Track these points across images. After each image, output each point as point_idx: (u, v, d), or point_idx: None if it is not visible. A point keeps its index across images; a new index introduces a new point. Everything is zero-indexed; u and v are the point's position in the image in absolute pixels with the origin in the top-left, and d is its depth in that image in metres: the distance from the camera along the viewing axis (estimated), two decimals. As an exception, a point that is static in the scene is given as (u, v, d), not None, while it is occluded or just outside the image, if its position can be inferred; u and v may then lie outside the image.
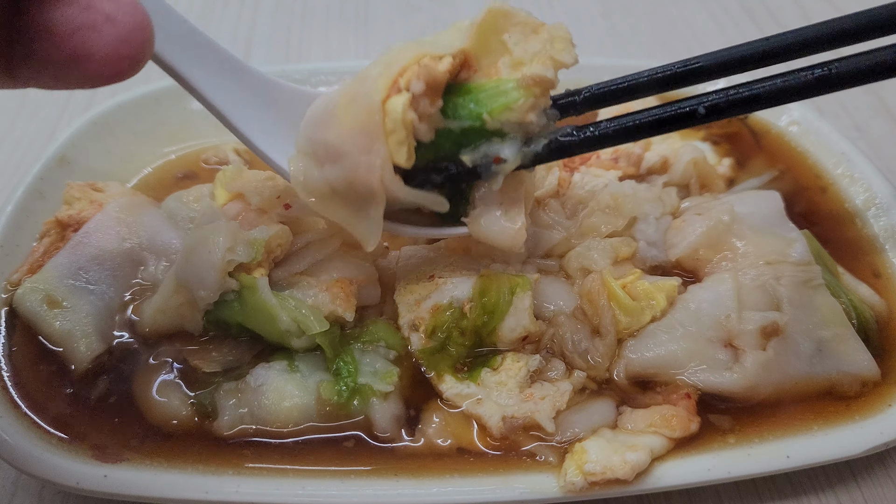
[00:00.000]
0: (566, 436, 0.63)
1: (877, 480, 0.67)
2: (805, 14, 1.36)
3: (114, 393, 0.67)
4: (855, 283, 0.77)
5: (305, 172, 0.57)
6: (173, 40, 0.58)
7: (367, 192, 0.55)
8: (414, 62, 0.53)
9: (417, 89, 0.53)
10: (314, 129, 0.57)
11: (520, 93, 0.56)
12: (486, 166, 0.58)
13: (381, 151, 0.53)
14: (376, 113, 0.52)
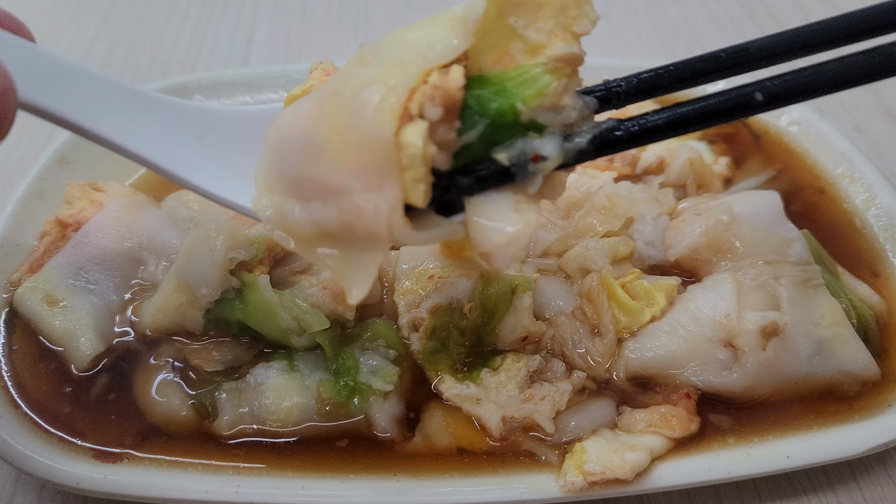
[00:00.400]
0: (566, 436, 0.63)
1: (877, 480, 0.67)
2: (805, 14, 1.36)
3: (114, 392, 0.67)
4: (854, 282, 0.77)
5: (282, 211, 0.48)
6: (46, 83, 0.46)
7: (369, 237, 0.45)
8: (421, 80, 0.43)
9: (434, 115, 0.43)
10: (293, 163, 0.47)
11: (551, 76, 0.47)
12: (522, 166, 0.47)
13: (393, 191, 0.43)
14: (388, 148, 0.42)
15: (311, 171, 0.46)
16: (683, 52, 1.28)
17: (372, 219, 0.44)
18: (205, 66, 1.23)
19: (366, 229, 0.45)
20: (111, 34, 1.29)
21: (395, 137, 0.43)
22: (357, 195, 0.44)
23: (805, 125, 0.96)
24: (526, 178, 0.48)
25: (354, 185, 0.44)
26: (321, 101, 0.46)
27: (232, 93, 1.00)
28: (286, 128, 0.48)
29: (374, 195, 0.44)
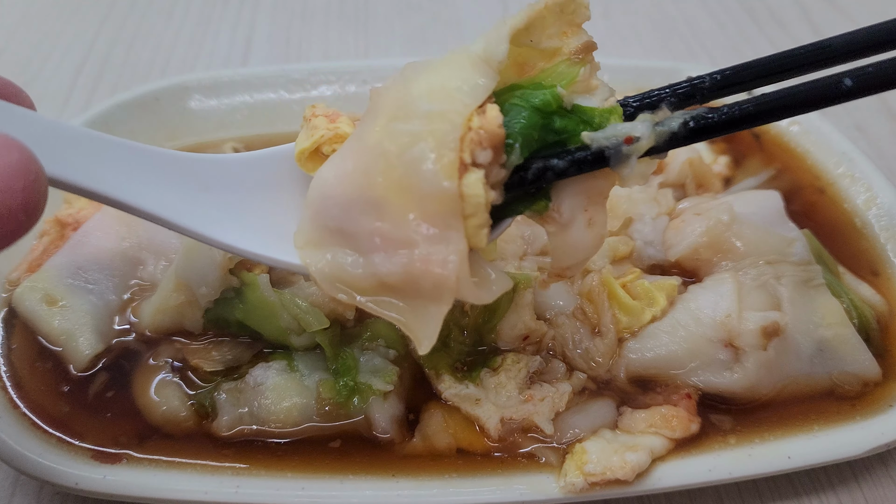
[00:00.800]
0: (566, 436, 0.63)
1: (878, 481, 0.67)
2: (806, 14, 1.36)
3: (113, 392, 0.67)
4: (856, 282, 0.77)
5: (339, 265, 0.48)
6: (57, 154, 0.45)
7: (435, 289, 0.46)
8: (466, 128, 0.45)
9: (486, 159, 0.45)
10: (347, 219, 0.47)
11: (577, 66, 0.50)
12: (615, 149, 0.49)
13: (459, 242, 0.45)
14: (453, 201, 0.44)
15: (370, 226, 0.47)
16: (684, 52, 1.28)
17: (440, 271, 0.45)
18: (204, 65, 1.22)
19: (432, 281, 0.46)
20: (111, 34, 1.29)
21: (458, 189, 0.44)
22: (422, 247, 0.45)
23: (806, 125, 0.95)
24: (620, 162, 0.50)
25: (418, 238, 0.45)
26: (366, 160, 0.47)
27: (231, 92, 0.99)
28: (330, 187, 0.49)
29: (440, 247, 0.45)
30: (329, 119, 0.55)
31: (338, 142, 0.53)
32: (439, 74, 0.49)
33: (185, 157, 0.53)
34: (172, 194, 0.51)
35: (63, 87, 1.17)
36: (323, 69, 1.02)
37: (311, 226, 0.50)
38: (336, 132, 0.54)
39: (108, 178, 0.47)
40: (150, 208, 0.49)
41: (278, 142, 1.06)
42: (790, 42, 1.29)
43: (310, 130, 0.55)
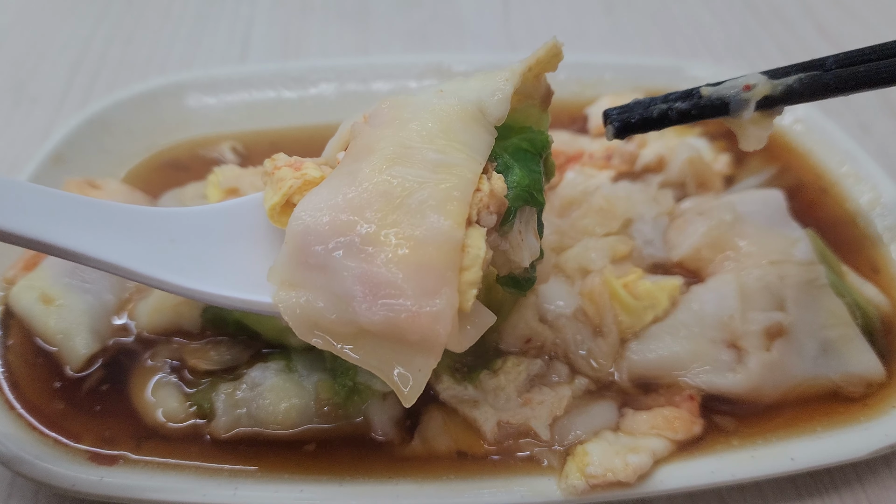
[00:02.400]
0: (567, 438, 0.62)
1: (882, 483, 0.67)
2: (808, 10, 1.35)
3: (110, 393, 0.66)
4: (860, 282, 0.77)
5: (312, 308, 0.45)
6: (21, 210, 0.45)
7: (423, 342, 0.43)
8: (477, 187, 0.46)
9: (490, 223, 0.46)
10: (330, 259, 0.45)
11: (545, 112, 0.56)
12: (735, 96, 0.54)
13: (451, 297, 0.43)
14: (456, 250, 0.43)
15: (356, 267, 0.44)
16: (686, 50, 1.27)
17: (431, 326, 0.42)
18: (202, 63, 1.22)
19: (420, 335, 0.43)
20: (107, 31, 1.28)
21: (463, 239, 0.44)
22: (412, 299, 0.43)
23: (809, 123, 0.95)
24: (739, 107, 0.54)
25: (408, 289, 0.43)
26: (362, 197, 0.45)
27: (229, 90, 0.99)
28: (315, 221, 0.46)
29: (432, 301, 0.43)
30: (293, 168, 0.53)
31: (308, 188, 0.50)
32: (438, 121, 0.48)
33: (149, 211, 0.54)
34: (134, 246, 0.50)
35: (60, 86, 1.16)
36: (322, 66, 1.01)
37: (288, 262, 0.46)
38: (304, 179, 0.52)
39: (62, 231, 0.47)
40: (109, 258, 0.49)
41: (276, 138, 1.06)
42: (794, 40, 1.28)
43: (276, 184, 0.53)
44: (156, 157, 0.93)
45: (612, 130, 0.58)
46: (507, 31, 1.30)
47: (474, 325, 0.47)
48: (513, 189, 0.49)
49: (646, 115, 0.57)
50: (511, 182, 0.49)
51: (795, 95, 0.55)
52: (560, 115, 0.99)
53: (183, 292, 0.51)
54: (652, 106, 0.58)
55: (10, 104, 1.12)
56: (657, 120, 0.57)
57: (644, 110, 0.58)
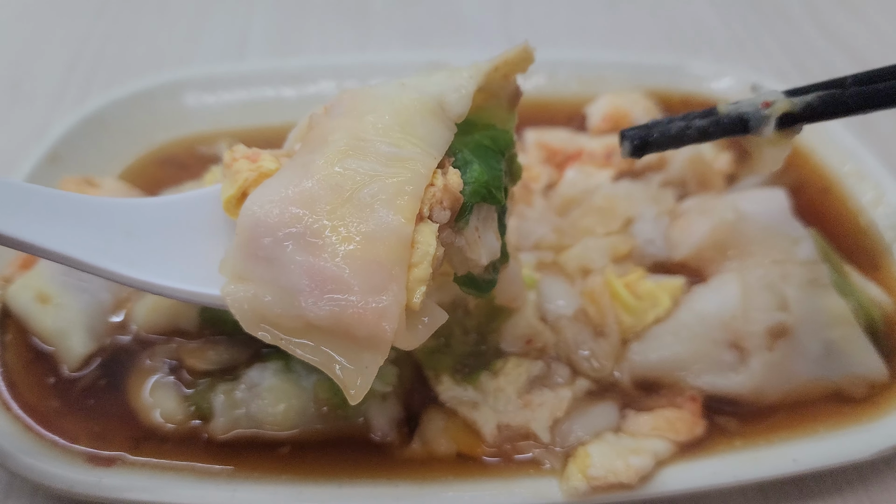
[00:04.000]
0: (568, 440, 0.62)
1: (885, 485, 0.66)
2: (812, 9, 1.34)
3: (107, 394, 0.66)
4: (863, 282, 0.76)
5: (259, 302, 0.44)
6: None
7: (370, 339, 0.43)
8: (430, 182, 0.45)
9: (443, 219, 0.45)
10: (278, 252, 0.44)
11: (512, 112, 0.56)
12: (754, 112, 0.54)
13: (399, 294, 0.42)
14: (404, 246, 0.42)
15: (304, 261, 0.43)
16: (688, 48, 1.26)
17: (376, 323, 0.42)
18: (200, 60, 1.21)
19: (367, 332, 0.42)
20: (104, 29, 1.27)
21: (412, 235, 0.43)
22: (359, 295, 0.42)
23: (812, 121, 0.94)
24: (759, 123, 0.54)
25: (355, 284, 0.42)
26: (312, 190, 0.44)
27: (227, 88, 0.98)
28: (265, 213, 0.45)
29: (378, 297, 0.42)
30: (250, 160, 0.52)
31: (263, 180, 0.50)
32: (396, 114, 0.47)
33: (104, 201, 0.52)
34: (83, 236, 0.49)
35: (57, 84, 1.15)
36: (320, 64, 1.00)
37: (238, 254, 0.46)
38: (259, 171, 0.51)
39: (9, 219, 0.46)
40: (54, 247, 0.47)
41: (273, 135, 1.05)
42: (796, 38, 1.27)
43: (232, 176, 0.52)
44: (153, 154, 0.92)
45: (629, 147, 0.56)
46: (506, 27, 1.29)
47: (424, 324, 0.46)
48: (470, 185, 0.47)
49: (664, 132, 0.56)
50: (469, 178, 0.47)
51: (816, 113, 0.54)
52: (559, 112, 0.98)
53: (133, 283, 0.50)
54: (669, 124, 0.56)
55: (7, 102, 1.11)
56: (675, 137, 0.56)
57: (662, 128, 0.56)
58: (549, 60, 1.01)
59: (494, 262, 0.52)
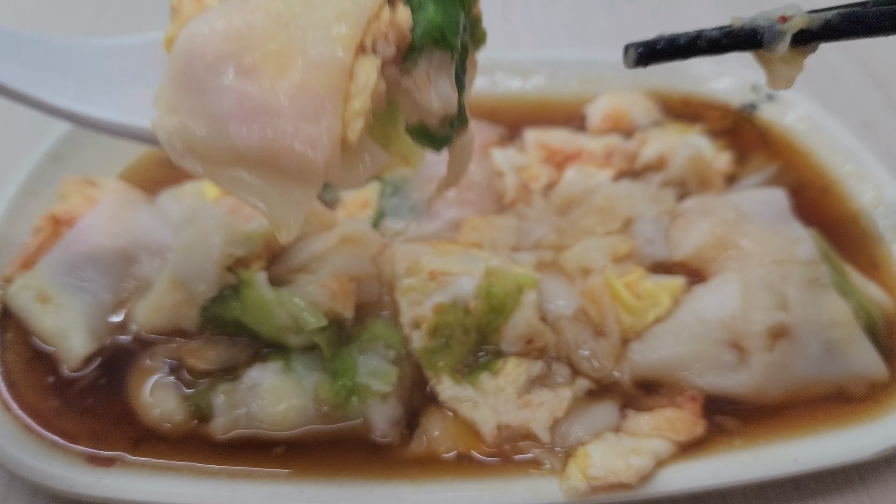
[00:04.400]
0: (568, 440, 0.62)
1: (886, 484, 0.66)
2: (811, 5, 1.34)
3: (107, 394, 0.66)
4: (863, 282, 0.76)
5: (187, 130, 0.43)
6: None
7: (300, 171, 0.41)
8: (376, 12, 0.42)
9: (387, 53, 0.42)
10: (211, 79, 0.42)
11: None
12: (769, 27, 0.52)
13: (333, 122, 0.40)
14: (342, 74, 0.40)
15: (236, 85, 0.41)
16: (688, 47, 1.26)
17: (306, 151, 0.40)
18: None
19: (297, 162, 0.41)
20: (104, 28, 1.27)
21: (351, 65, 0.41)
22: (290, 121, 0.40)
23: (812, 122, 0.94)
24: (774, 39, 0.52)
25: (288, 109, 0.40)
26: (250, 18, 0.42)
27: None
28: (200, 43, 0.43)
29: (310, 125, 0.40)
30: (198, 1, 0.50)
31: None
32: None
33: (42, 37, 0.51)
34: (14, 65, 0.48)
35: (58, 83, 1.15)
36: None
37: (170, 85, 0.44)
38: (203, 7, 0.48)
39: None
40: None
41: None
42: (796, 37, 1.27)
43: (177, 17, 0.49)
44: (153, 153, 0.92)
45: (634, 55, 0.55)
46: (507, 28, 1.29)
47: (365, 163, 0.44)
48: (421, 25, 0.44)
49: (673, 41, 0.54)
50: (421, 19, 0.44)
51: (834, 30, 0.51)
52: (559, 112, 0.98)
53: (59, 112, 0.48)
54: (680, 35, 0.54)
55: (8, 102, 1.11)
56: (684, 47, 0.54)
57: (671, 38, 0.54)
58: (549, 60, 1.01)
59: (451, 119, 0.48)
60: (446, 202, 0.81)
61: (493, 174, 0.83)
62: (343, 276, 0.66)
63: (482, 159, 0.85)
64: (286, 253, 0.69)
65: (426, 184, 0.82)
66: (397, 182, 0.83)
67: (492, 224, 0.76)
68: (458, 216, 0.79)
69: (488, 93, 1.00)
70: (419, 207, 0.80)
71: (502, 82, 1.01)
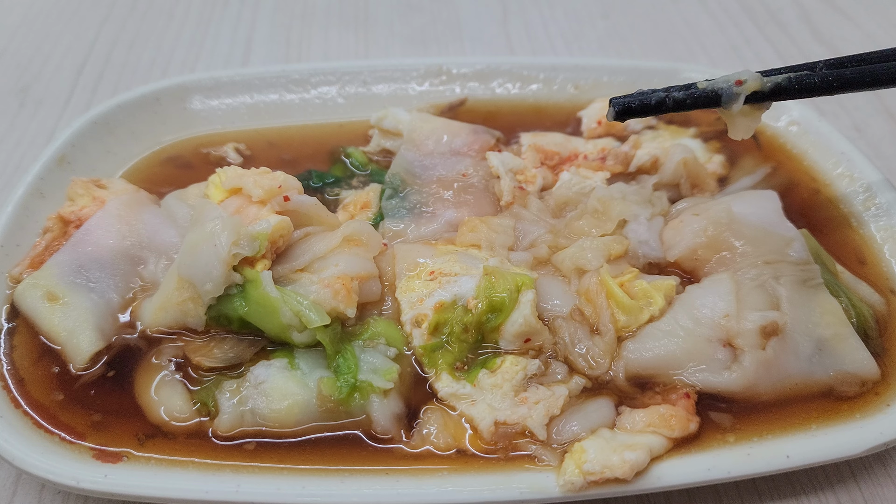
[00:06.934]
0: (564, 436, 0.63)
1: (876, 480, 0.67)
2: (805, 14, 1.36)
3: (114, 391, 0.67)
4: (854, 281, 0.77)
5: None
6: None
7: None
8: None
9: None
10: None
11: None
12: (727, 89, 0.63)
13: None
14: None
15: None
16: (683, 52, 1.28)
17: None
18: (205, 66, 1.23)
19: None
20: (111, 34, 1.29)
21: None
22: None
23: (805, 125, 0.96)
24: (730, 99, 0.63)
25: None
26: None
27: (232, 93, 1.00)
28: None
29: None
30: None
31: None
32: None
33: None
34: None
35: (64, 88, 1.17)
36: (323, 69, 1.02)
37: None
38: None
39: None
40: None
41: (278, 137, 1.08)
42: (789, 43, 1.29)
43: None
44: (159, 155, 0.94)
45: (613, 113, 0.66)
46: (505, 34, 1.31)
47: None
48: None
49: (644, 101, 0.65)
50: None
51: (783, 92, 0.63)
52: (555, 117, 1.00)
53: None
54: (651, 94, 0.66)
55: (16, 106, 1.13)
56: (654, 106, 0.65)
57: (643, 97, 0.66)
58: (546, 66, 1.03)
59: None
60: (444, 204, 0.82)
61: (490, 177, 0.85)
62: (345, 275, 0.67)
63: (479, 162, 0.86)
64: (290, 253, 0.71)
65: (426, 186, 0.84)
66: (396, 184, 0.84)
67: (489, 225, 0.77)
68: (456, 217, 0.80)
69: (486, 98, 1.02)
70: (418, 209, 0.82)
71: (500, 87, 1.03)
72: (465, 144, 0.88)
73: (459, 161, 0.86)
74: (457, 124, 0.91)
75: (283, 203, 0.71)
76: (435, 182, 0.84)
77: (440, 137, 0.88)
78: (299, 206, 0.72)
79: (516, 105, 1.02)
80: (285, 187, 0.72)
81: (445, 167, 0.85)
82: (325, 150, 0.95)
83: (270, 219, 0.69)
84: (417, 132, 0.88)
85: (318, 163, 0.92)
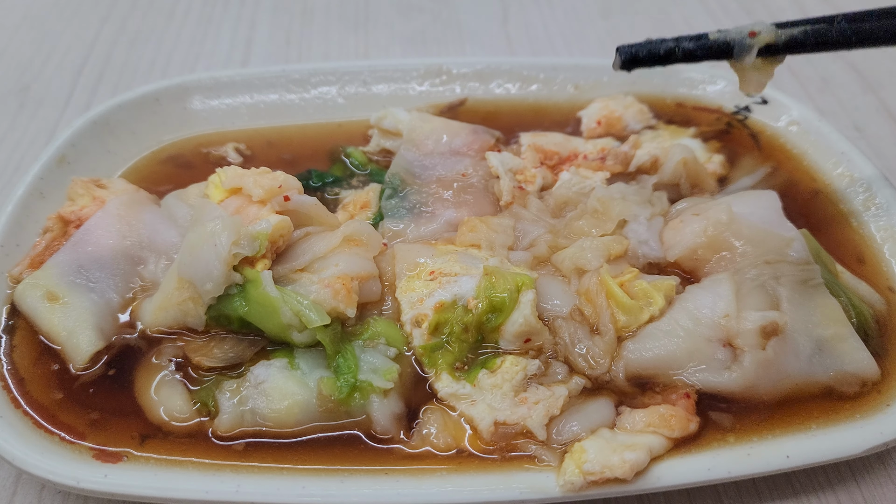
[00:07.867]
0: (564, 436, 0.63)
1: (877, 480, 0.67)
2: (804, 13, 1.36)
3: (114, 391, 0.67)
4: (854, 281, 0.77)
5: None
6: None
7: None
8: None
9: None
10: None
11: None
12: (740, 40, 0.61)
13: None
14: None
15: None
16: (683, 53, 1.28)
17: None
18: (205, 66, 1.23)
19: None
20: (111, 34, 1.29)
21: None
22: None
23: (804, 125, 0.96)
24: (743, 51, 0.61)
25: None
26: None
27: (232, 93, 1.00)
28: None
29: None
30: None
31: None
32: None
33: None
34: None
35: (64, 88, 1.17)
36: (323, 69, 1.02)
37: None
38: None
39: None
40: None
41: (278, 136, 1.08)
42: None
43: None
44: (159, 155, 0.94)
45: (619, 61, 0.63)
46: (505, 34, 1.31)
47: None
48: None
49: (653, 51, 0.62)
50: None
51: (798, 45, 0.59)
52: (555, 117, 1.00)
53: None
54: (661, 43, 0.62)
55: (16, 106, 1.13)
56: (663, 56, 0.62)
57: (652, 46, 0.62)
58: (546, 66, 1.03)
59: None
60: (444, 204, 0.82)
61: (490, 177, 0.85)
62: (346, 275, 0.67)
63: (479, 162, 0.86)
64: (290, 253, 0.71)
65: (425, 186, 0.84)
66: (396, 184, 0.84)
67: (489, 225, 0.77)
68: (456, 217, 0.80)
69: (486, 98, 1.02)
70: (417, 209, 0.82)
71: (499, 87, 1.03)
72: (464, 144, 0.88)
73: (459, 161, 0.86)
74: (456, 124, 0.91)
75: (283, 203, 0.71)
76: (434, 182, 0.84)
77: (440, 137, 0.88)
78: (299, 205, 0.72)
79: (516, 105, 1.02)
80: (285, 187, 0.72)
81: (445, 167, 0.85)
82: (325, 150, 0.95)
83: (270, 218, 0.69)
84: (417, 132, 0.88)
85: (317, 162, 0.92)
